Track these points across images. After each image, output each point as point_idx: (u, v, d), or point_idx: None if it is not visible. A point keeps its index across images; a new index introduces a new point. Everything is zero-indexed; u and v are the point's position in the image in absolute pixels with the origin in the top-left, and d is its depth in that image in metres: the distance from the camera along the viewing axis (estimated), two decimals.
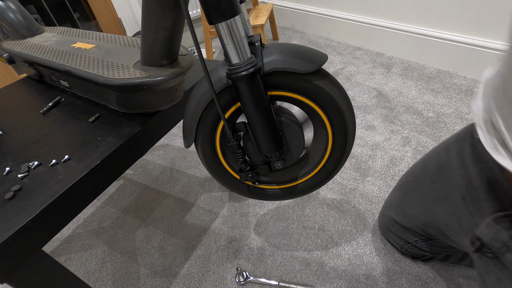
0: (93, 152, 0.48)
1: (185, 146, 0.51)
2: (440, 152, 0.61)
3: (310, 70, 0.41)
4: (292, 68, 0.41)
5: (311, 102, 0.45)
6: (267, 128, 0.45)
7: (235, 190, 0.59)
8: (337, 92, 0.45)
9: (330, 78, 0.45)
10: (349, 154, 0.51)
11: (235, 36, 0.38)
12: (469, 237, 0.51)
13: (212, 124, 0.49)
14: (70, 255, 0.91)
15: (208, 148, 0.52)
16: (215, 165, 0.55)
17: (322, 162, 0.53)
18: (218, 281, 0.77)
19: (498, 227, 0.44)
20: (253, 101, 0.42)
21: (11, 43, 0.74)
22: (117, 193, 1.10)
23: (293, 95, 0.45)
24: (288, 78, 0.43)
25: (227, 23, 0.36)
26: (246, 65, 0.39)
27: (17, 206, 0.40)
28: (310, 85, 0.43)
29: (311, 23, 2.01)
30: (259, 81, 0.41)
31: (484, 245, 0.47)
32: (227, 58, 0.40)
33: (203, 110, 0.47)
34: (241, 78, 0.39)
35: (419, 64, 1.50)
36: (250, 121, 0.45)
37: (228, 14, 0.36)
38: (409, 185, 0.68)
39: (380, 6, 1.57)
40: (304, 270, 0.77)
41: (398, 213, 0.70)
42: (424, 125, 1.13)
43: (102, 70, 0.53)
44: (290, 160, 0.52)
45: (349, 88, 1.41)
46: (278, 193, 0.59)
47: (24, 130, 0.57)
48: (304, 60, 0.41)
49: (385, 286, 0.71)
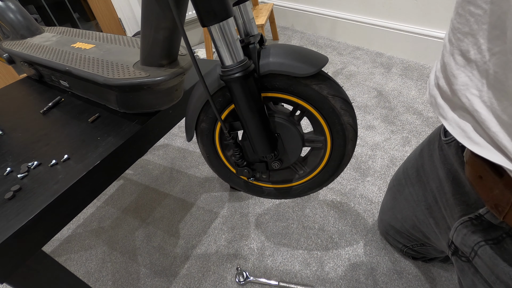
0: (93, 152, 0.48)
1: (187, 139, 0.53)
2: (417, 155, 0.61)
3: (307, 74, 0.40)
4: (288, 71, 0.40)
5: (309, 105, 0.45)
6: (260, 130, 0.45)
7: (231, 183, 0.60)
8: (336, 95, 0.44)
9: (330, 81, 0.44)
10: (350, 156, 0.50)
11: (228, 38, 0.37)
12: (446, 240, 0.50)
13: (212, 120, 0.50)
14: (70, 255, 0.91)
15: (207, 141, 0.54)
16: (214, 157, 0.56)
17: (320, 166, 0.52)
18: (218, 281, 0.77)
19: (465, 232, 0.43)
20: (246, 103, 0.42)
21: (11, 43, 0.74)
22: (117, 193, 1.10)
23: (291, 97, 0.44)
24: (285, 81, 0.43)
25: (219, 25, 0.36)
26: (238, 67, 0.39)
27: (17, 206, 0.40)
28: (307, 89, 0.42)
29: (311, 23, 2.01)
30: (252, 83, 0.41)
31: (458, 249, 0.45)
32: (220, 60, 0.40)
33: (202, 106, 0.48)
34: (233, 80, 0.39)
35: (419, 64, 1.50)
36: (243, 122, 0.45)
37: (220, 17, 0.36)
38: (395, 189, 0.68)
39: (380, 6, 1.57)
40: (304, 270, 0.77)
41: (391, 217, 0.70)
42: (424, 125, 1.13)
43: (102, 70, 0.53)
44: (287, 161, 0.52)
45: (349, 88, 1.41)
46: (273, 192, 0.59)
47: (24, 130, 0.57)
48: (302, 63, 0.40)
49: (385, 286, 0.71)
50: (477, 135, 0.31)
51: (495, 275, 0.38)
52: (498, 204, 0.36)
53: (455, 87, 0.33)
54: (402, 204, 0.65)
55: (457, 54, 0.32)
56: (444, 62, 0.35)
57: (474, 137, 0.31)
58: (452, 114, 0.34)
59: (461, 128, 0.33)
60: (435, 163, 0.53)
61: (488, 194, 0.37)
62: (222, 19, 0.36)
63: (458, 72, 0.32)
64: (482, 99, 0.29)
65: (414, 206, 0.60)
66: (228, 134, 0.47)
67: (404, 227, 0.66)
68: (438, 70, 0.38)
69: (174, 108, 0.60)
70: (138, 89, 0.51)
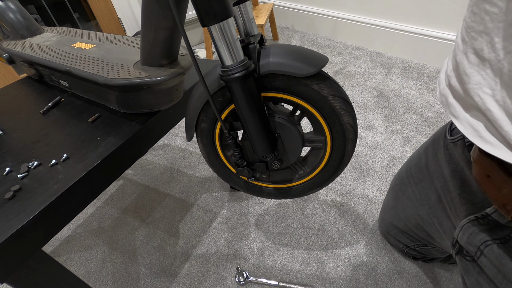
0: (93, 152, 0.48)
1: (187, 139, 0.53)
2: (421, 154, 0.61)
3: (307, 74, 0.40)
4: (288, 71, 0.40)
5: (309, 105, 0.45)
6: (259, 130, 0.45)
7: (231, 183, 0.60)
8: (336, 95, 0.43)
9: (330, 81, 0.43)
10: (350, 156, 0.50)
11: (228, 38, 0.37)
12: (450, 239, 0.50)
13: (212, 120, 0.50)
14: (70, 255, 0.91)
15: (207, 141, 0.54)
16: (214, 157, 0.56)
17: (320, 166, 0.52)
18: (218, 281, 0.77)
19: (471, 231, 0.43)
20: (246, 103, 0.42)
21: (11, 43, 0.75)
22: (117, 193, 1.10)
23: (291, 97, 0.44)
24: (285, 81, 0.42)
25: (219, 25, 0.36)
26: (238, 67, 0.39)
27: (17, 206, 0.40)
28: (308, 89, 0.42)
29: (311, 23, 2.01)
30: (252, 83, 0.41)
31: (463, 248, 0.46)
32: (220, 59, 0.40)
33: (202, 106, 0.48)
34: (233, 80, 0.39)
35: (419, 64, 1.50)
36: (243, 122, 0.45)
37: (220, 17, 0.36)
38: (397, 188, 0.68)
39: (380, 6, 1.57)
40: (304, 270, 0.77)
41: (393, 216, 0.70)
42: (424, 125, 1.13)
43: (102, 70, 0.53)
44: (287, 161, 0.52)
45: (349, 88, 1.41)
46: (273, 192, 0.59)
47: (24, 130, 0.57)
48: (302, 63, 0.40)
49: (385, 286, 0.71)
50: (490, 134, 0.31)
51: (502, 274, 0.38)
52: (507, 204, 0.36)
53: (467, 86, 0.32)
54: (404, 203, 0.64)
55: (471, 53, 0.32)
56: (456, 61, 0.35)
57: (486, 136, 0.31)
58: (464, 113, 0.34)
59: (473, 127, 0.33)
60: (440, 162, 0.53)
61: (496, 194, 0.37)
62: (222, 19, 0.36)
63: (471, 71, 0.32)
64: (495, 98, 0.29)
65: (417, 205, 0.60)
66: (228, 134, 0.47)
67: (407, 226, 0.66)
68: (449, 69, 0.38)
69: (174, 108, 0.60)
70: (138, 89, 0.51)
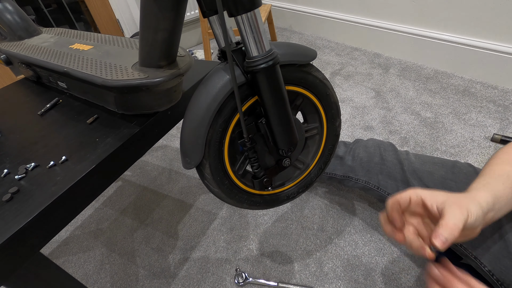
0: (91, 153, 0.48)
1: (188, 167, 0.44)
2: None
3: (311, 60, 0.46)
4: (294, 60, 0.44)
5: (308, 92, 0.49)
6: (288, 120, 0.45)
7: (251, 206, 0.54)
8: (325, 78, 0.51)
9: (317, 68, 0.50)
10: (339, 136, 0.57)
11: (256, 28, 0.38)
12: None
13: (221, 133, 0.44)
14: (68, 257, 0.90)
15: (218, 162, 0.46)
16: (226, 181, 0.48)
17: (319, 153, 0.56)
18: (217, 282, 0.77)
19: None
20: (274, 93, 0.42)
21: (9, 44, 0.74)
22: (115, 194, 1.09)
23: (293, 87, 0.48)
24: (288, 69, 0.45)
25: (247, 15, 0.36)
26: (266, 57, 0.39)
27: (14, 208, 0.40)
28: (308, 76, 0.48)
29: (309, 24, 2.02)
30: (279, 72, 0.41)
31: None
32: (246, 51, 0.40)
33: (213, 118, 0.42)
34: (261, 70, 0.39)
35: (417, 65, 1.50)
36: (270, 115, 0.43)
37: (249, 6, 0.36)
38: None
39: (377, 7, 1.57)
40: (303, 271, 0.77)
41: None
42: (422, 125, 1.14)
43: (100, 71, 0.53)
44: (294, 156, 0.52)
45: (347, 89, 1.41)
46: (293, 190, 0.57)
47: (21, 131, 0.57)
48: (301, 53, 0.45)
49: (384, 286, 0.71)
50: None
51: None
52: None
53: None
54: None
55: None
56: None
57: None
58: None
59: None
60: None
61: None
62: (251, 9, 0.36)
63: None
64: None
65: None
66: (248, 139, 0.44)
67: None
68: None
69: (172, 109, 0.60)
70: (136, 90, 0.51)
